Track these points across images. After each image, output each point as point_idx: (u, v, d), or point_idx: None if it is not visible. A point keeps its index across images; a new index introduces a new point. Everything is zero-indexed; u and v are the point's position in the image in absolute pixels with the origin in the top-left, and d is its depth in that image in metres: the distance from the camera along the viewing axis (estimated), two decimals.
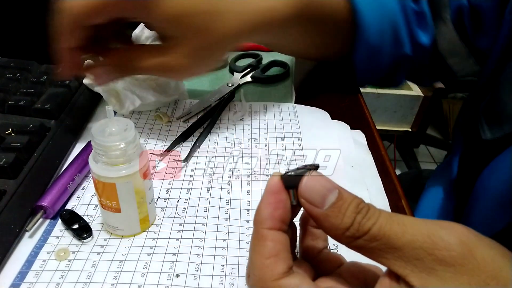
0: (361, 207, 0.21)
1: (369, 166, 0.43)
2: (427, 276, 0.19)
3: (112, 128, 0.30)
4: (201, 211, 0.36)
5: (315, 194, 0.22)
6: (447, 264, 0.19)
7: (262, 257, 0.22)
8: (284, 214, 0.23)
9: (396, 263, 0.20)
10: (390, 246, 0.20)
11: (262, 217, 0.23)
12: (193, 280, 0.30)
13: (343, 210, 0.21)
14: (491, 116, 0.39)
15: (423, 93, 1.23)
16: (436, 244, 0.19)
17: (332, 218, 0.22)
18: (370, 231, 0.21)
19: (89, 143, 0.40)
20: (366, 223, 0.21)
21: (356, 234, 0.21)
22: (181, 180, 0.40)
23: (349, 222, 0.21)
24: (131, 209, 0.32)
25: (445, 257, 0.19)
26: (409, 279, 0.20)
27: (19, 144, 0.37)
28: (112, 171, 0.30)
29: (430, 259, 0.19)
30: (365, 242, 0.21)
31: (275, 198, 0.23)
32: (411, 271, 0.20)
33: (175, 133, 0.46)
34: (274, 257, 0.22)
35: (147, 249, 0.33)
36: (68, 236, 0.33)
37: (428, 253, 0.19)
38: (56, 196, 0.35)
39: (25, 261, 0.31)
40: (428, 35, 0.50)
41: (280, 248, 0.22)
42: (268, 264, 0.22)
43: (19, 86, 0.45)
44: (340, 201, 0.22)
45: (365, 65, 0.53)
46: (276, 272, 0.22)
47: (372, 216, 0.21)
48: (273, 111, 0.50)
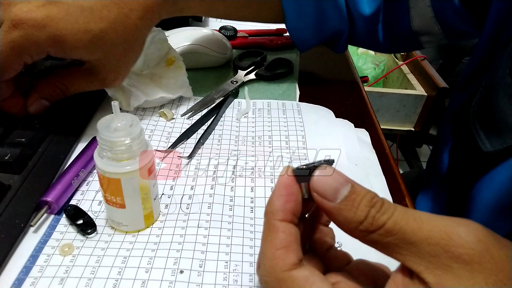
0: (374, 201, 0.21)
1: (373, 165, 0.42)
2: (442, 274, 0.19)
3: (117, 124, 0.30)
4: (205, 208, 0.36)
5: (328, 188, 0.22)
6: (464, 262, 0.19)
7: (273, 247, 0.22)
8: (296, 207, 0.23)
9: (411, 259, 0.20)
10: (406, 242, 0.20)
11: (274, 208, 0.23)
12: (197, 276, 0.30)
13: (356, 203, 0.21)
14: (488, 122, 0.38)
15: (427, 93, 1.23)
16: (454, 241, 0.19)
17: (345, 212, 0.21)
18: (385, 225, 0.21)
19: (94, 139, 0.40)
20: (380, 217, 0.21)
21: (370, 228, 0.21)
22: (185, 177, 0.40)
23: (362, 215, 0.21)
24: (136, 205, 0.32)
25: (462, 255, 0.19)
26: (424, 276, 0.20)
27: (24, 139, 0.37)
28: (117, 166, 0.30)
29: (446, 256, 0.19)
30: (379, 236, 0.21)
31: (287, 191, 0.23)
32: (426, 267, 0.20)
33: (179, 130, 0.46)
34: (285, 248, 0.22)
35: (151, 245, 0.33)
36: (72, 232, 0.33)
37: (445, 250, 0.19)
38: (60, 192, 0.35)
39: (30, 256, 0.31)
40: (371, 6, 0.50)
41: (291, 240, 0.22)
42: (279, 255, 0.22)
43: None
44: (353, 195, 0.22)
45: (297, 34, 0.54)
46: (287, 262, 0.22)
47: (387, 210, 0.21)
48: (277, 109, 0.50)
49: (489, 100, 0.38)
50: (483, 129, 0.38)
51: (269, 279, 0.22)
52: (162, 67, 0.49)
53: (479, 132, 0.38)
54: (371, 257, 0.26)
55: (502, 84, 0.36)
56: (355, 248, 0.26)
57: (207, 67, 0.59)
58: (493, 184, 0.37)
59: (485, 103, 0.38)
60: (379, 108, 1.25)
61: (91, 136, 0.42)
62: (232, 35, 0.66)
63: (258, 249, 0.33)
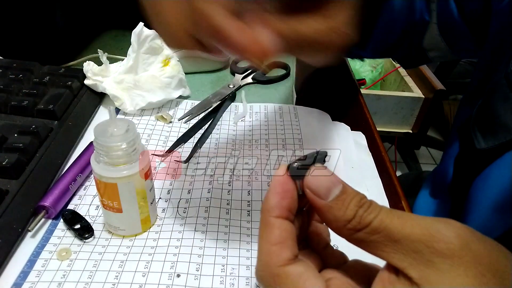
0: (363, 202, 0.22)
1: (369, 167, 0.43)
2: (426, 268, 0.20)
3: (114, 129, 0.30)
4: (202, 212, 0.36)
5: (321, 186, 0.23)
6: (445, 256, 0.20)
7: (268, 243, 0.23)
8: (291, 204, 0.24)
9: (395, 256, 0.21)
10: (390, 239, 0.21)
11: (270, 205, 0.23)
12: (194, 280, 0.31)
13: (346, 203, 0.22)
14: (484, 123, 0.39)
15: (424, 95, 1.23)
16: (434, 237, 0.20)
17: (335, 210, 0.22)
18: (371, 224, 0.21)
19: (91, 144, 0.41)
20: (367, 216, 0.21)
21: (357, 226, 0.22)
22: (182, 181, 0.40)
23: (351, 215, 0.22)
24: (133, 209, 0.32)
25: (443, 249, 0.20)
26: (408, 272, 0.20)
27: (22, 144, 0.37)
28: (114, 171, 0.30)
29: (428, 252, 0.20)
30: (365, 235, 0.21)
31: (283, 188, 0.24)
32: (410, 264, 0.20)
33: (176, 134, 0.46)
34: (280, 244, 0.22)
35: (148, 249, 0.33)
36: (70, 236, 0.34)
37: (427, 245, 0.20)
38: (58, 196, 0.35)
39: (27, 261, 0.31)
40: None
41: (286, 236, 0.23)
42: (274, 251, 0.22)
43: (22, 86, 0.45)
44: (343, 195, 0.22)
45: (382, 32, 0.47)
46: (282, 258, 0.22)
47: (374, 210, 0.22)
48: (274, 112, 0.51)
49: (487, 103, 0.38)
50: (481, 131, 0.38)
51: (264, 274, 0.23)
52: (158, 68, 0.50)
53: (476, 133, 0.38)
54: (366, 258, 0.26)
55: (499, 85, 0.37)
56: (350, 249, 0.27)
57: (204, 71, 0.59)
58: (489, 181, 0.38)
59: (483, 107, 0.39)
60: (376, 110, 1.25)
61: (88, 141, 0.43)
62: None
63: (255, 253, 0.33)
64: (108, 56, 0.49)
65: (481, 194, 0.39)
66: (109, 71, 0.49)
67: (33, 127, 0.39)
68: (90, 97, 0.48)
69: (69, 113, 0.44)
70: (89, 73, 0.48)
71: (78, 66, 0.54)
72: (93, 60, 0.50)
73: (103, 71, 0.49)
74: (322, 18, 0.30)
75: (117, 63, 0.51)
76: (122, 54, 0.54)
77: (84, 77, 0.49)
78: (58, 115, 0.43)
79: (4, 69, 0.48)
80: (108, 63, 0.49)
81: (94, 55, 0.54)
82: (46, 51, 0.57)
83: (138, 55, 0.49)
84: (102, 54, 0.48)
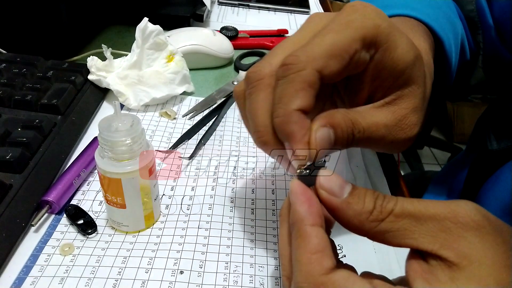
0: (377, 194, 0.22)
1: (374, 166, 0.42)
2: (458, 246, 0.20)
3: (118, 124, 0.30)
4: (205, 209, 0.36)
5: (334, 185, 0.23)
6: (472, 228, 0.20)
7: (308, 252, 0.22)
8: (320, 210, 0.23)
9: (424, 240, 0.21)
10: (416, 223, 0.21)
11: (302, 215, 0.23)
12: (197, 277, 0.30)
13: (362, 197, 0.22)
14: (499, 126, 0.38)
15: None
16: (458, 212, 0.20)
17: (354, 205, 0.22)
18: (393, 211, 0.21)
19: (95, 139, 0.40)
20: (387, 205, 0.21)
21: (380, 216, 0.21)
22: (186, 178, 0.40)
23: (371, 206, 0.22)
24: (136, 205, 0.32)
25: (470, 223, 0.20)
26: (441, 253, 0.20)
27: (25, 139, 0.37)
28: (118, 166, 0.30)
29: (456, 228, 0.20)
30: (390, 224, 0.21)
31: (305, 196, 0.23)
32: (441, 244, 0.20)
33: (180, 130, 0.46)
34: (320, 253, 0.22)
35: (151, 246, 0.33)
36: (73, 232, 0.33)
37: (453, 222, 0.20)
38: (61, 191, 0.35)
39: (30, 256, 0.31)
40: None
41: (325, 244, 0.22)
42: (315, 259, 0.22)
43: (25, 81, 0.45)
44: (356, 190, 0.22)
45: None
46: (325, 266, 0.22)
47: (391, 199, 0.22)
48: None
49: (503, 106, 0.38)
50: (494, 133, 0.38)
51: (307, 285, 0.22)
52: (163, 64, 0.50)
53: (490, 135, 0.38)
54: (371, 258, 0.26)
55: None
56: (355, 250, 0.26)
57: (208, 67, 0.59)
58: (499, 183, 0.38)
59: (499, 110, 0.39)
60: None
61: (91, 136, 0.42)
62: (233, 36, 0.66)
63: (258, 251, 0.33)
64: (112, 52, 0.48)
65: (491, 196, 0.39)
66: (113, 66, 0.49)
67: (36, 122, 0.39)
68: (93, 92, 0.48)
69: (73, 108, 0.44)
70: (93, 68, 0.48)
71: (82, 61, 0.53)
72: (97, 55, 0.50)
73: (107, 66, 0.48)
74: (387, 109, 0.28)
75: (121, 59, 0.50)
76: (126, 50, 0.54)
77: (88, 72, 0.48)
78: (62, 110, 0.42)
79: (8, 63, 0.48)
80: (112, 59, 0.48)
81: (98, 50, 0.54)
82: (50, 46, 0.57)
83: (142, 50, 0.48)
84: (106, 49, 0.47)
